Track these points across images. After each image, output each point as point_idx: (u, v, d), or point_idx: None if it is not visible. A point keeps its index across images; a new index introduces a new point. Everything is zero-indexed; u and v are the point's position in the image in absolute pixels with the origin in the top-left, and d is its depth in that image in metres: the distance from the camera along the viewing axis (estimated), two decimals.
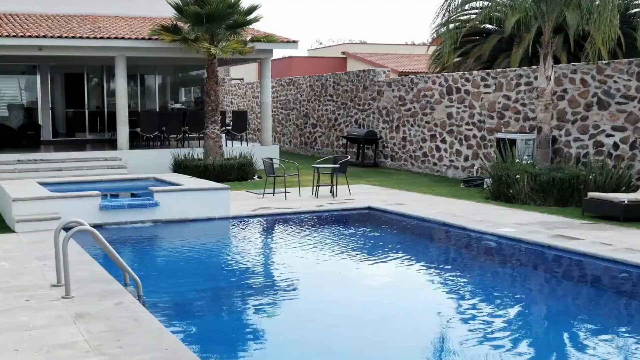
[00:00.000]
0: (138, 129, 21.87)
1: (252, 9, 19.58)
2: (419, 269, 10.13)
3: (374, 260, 10.42)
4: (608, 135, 15.09)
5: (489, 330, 7.19)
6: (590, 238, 10.69)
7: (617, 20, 13.96)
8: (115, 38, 20.05)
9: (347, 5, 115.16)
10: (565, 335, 7.29)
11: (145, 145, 22.36)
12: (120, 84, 20.70)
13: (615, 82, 14.88)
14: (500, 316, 7.80)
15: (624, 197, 12.55)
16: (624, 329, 7.42)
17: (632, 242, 10.33)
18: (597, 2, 14.35)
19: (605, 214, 12.58)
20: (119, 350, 5.44)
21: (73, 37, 19.60)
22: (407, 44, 47.34)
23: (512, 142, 16.09)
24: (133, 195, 13.99)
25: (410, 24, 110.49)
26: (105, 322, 6.07)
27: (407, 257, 10.75)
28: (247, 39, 20.25)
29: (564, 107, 16.07)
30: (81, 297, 6.84)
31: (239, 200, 14.48)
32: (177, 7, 19.22)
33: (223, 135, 21.74)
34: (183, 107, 28.45)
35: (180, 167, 18.66)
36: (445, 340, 6.94)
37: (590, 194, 13.04)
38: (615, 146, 14.92)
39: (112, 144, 22.41)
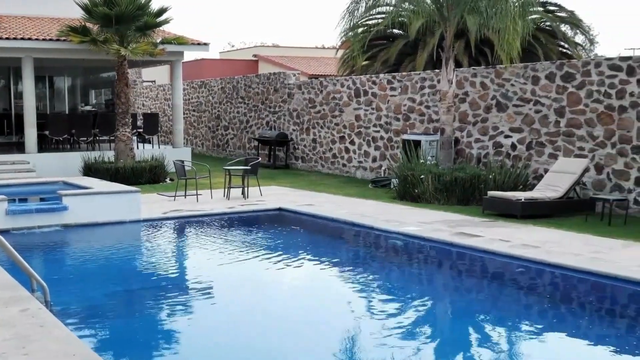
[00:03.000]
0: (47, 132, 21.47)
1: (162, 11, 19.52)
2: (328, 269, 10.37)
3: (284, 260, 10.57)
4: (506, 136, 15.76)
5: (397, 326, 7.46)
6: (489, 235, 11.16)
7: (521, 28, 14.62)
8: (22, 39, 19.65)
9: (259, 8, 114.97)
10: (468, 328, 7.62)
11: (54, 148, 21.97)
12: (28, 86, 20.30)
13: (512, 85, 15.56)
14: (406, 312, 8.12)
15: (521, 195, 13.16)
16: (522, 321, 7.83)
17: (528, 238, 10.86)
18: (495, 9, 14.97)
19: (504, 212, 13.15)
20: (24, 357, 5.39)
21: None
22: (317, 47, 47.68)
23: (417, 143, 16.57)
24: (42, 199, 13.79)
25: (321, 28, 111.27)
26: (10, 330, 6.02)
27: (317, 257, 10.99)
28: (158, 40, 20.18)
29: (465, 110, 16.69)
30: None
31: (151, 203, 14.47)
32: (85, 8, 18.99)
33: (134, 138, 21.60)
34: (93, 109, 27.98)
35: (90, 170, 18.43)
36: (356, 338, 7.12)
37: (490, 193, 13.62)
38: (513, 147, 15.60)
39: (20, 147, 21.88)
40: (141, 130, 23.40)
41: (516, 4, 14.75)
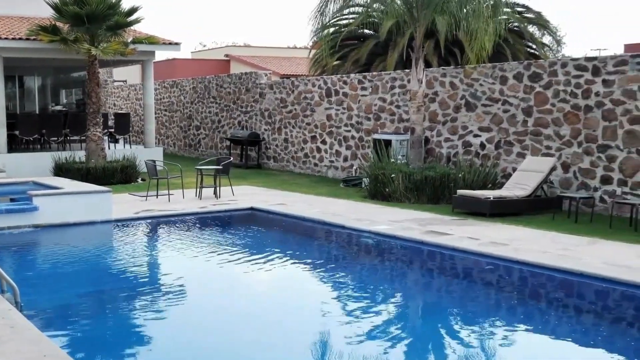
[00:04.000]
0: (17, 132, 21.31)
1: (133, 10, 19.44)
2: (301, 268, 10.45)
3: (257, 260, 10.60)
4: (475, 136, 15.94)
5: (368, 324, 7.56)
6: (459, 233, 11.30)
7: (492, 29, 14.80)
8: None
9: (230, 8, 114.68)
10: (438, 325, 7.75)
11: (25, 149, 21.81)
12: None
13: (481, 85, 15.75)
14: (379, 310, 8.20)
15: (490, 194, 13.35)
16: (490, 318, 7.96)
17: (496, 236, 11.02)
18: (465, 10, 15.14)
19: (473, 210, 13.32)
20: None
21: None
22: (289, 47, 47.73)
23: (388, 142, 16.70)
24: (12, 199, 13.69)
25: (293, 28, 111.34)
26: None
27: (288, 256, 11.04)
28: (129, 40, 20.10)
29: (435, 109, 16.85)
30: None
31: (122, 203, 14.42)
32: (55, 7, 18.86)
33: (105, 138, 21.50)
34: (64, 109, 27.79)
35: (61, 170, 18.33)
36: (326, 336, 7.19)
37: (460, 192, 13.79)
38: (482, 146, 15.79)
39: None
40: (112, 130, 23.30)
41: (486, 4, 14.92)
